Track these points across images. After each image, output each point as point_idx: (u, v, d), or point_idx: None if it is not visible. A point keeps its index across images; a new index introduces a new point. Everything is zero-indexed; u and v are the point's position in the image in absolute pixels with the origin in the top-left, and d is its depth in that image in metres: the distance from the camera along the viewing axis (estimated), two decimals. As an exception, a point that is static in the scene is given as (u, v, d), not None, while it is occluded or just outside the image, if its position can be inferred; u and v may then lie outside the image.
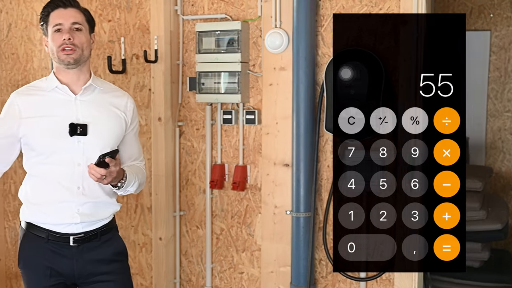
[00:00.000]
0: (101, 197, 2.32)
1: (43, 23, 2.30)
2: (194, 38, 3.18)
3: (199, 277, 3.33)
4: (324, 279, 2.97)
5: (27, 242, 2.32)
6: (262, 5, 2.97)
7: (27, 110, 2.25)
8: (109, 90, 2.42)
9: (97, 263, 2.32)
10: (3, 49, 3.79)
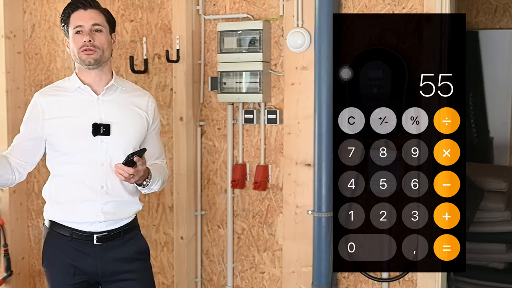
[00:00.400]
0: (124, 196, 2.35)
1: (64, 25, 2.34)
2: (215, 38, 3.19)
3: (220, 276, 3.34)
4: (346, 279, 2.97)
5: (51, 241, 2.36)
6: (284, 5, 2.98)
7: (50, 111, 2.29)
8: (131, 89, 2.45)
9: (120, 262, 2.35)
10: (27, 49, 3.84)
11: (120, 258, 2.36)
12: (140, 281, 2.40)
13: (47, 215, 2.37)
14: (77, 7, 2.30)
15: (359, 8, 2.84)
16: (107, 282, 2.37)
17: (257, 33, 3.02)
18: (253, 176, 3.14)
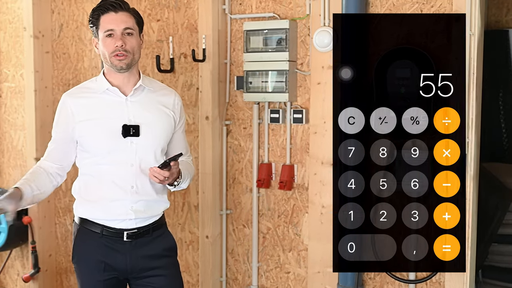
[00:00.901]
0: (153, 195, 2.40)
1: (93, 26, 2.35)
2: (242, 37, 3.21)
3: (245, 275, 3.35)
4: (372, 280, 2.95)
5: (81, 237, 2.40)
6: (310, 3, 2.98)
7: (80, 113, 2.33)
8: (157, 88, 2.48)
9: (149, 258, 2.39)
10: (55, 49, 3.90)
11: (149, 254, 2.40)
12: (169, 277, 2.44)
13: (77, 212, 2.42)
14: (107, 9, 2.30)
15: (387, 6, 2.83)
16: (135, 278, 2.41)
17: (283, 32, 3.02)
18: (279, 175, 3.14)
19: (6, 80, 4.12)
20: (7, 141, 4.15)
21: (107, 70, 2.38)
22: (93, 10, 2.35)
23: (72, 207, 3.85)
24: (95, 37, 2.37)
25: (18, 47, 4.02)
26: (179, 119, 2.50)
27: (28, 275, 3.89)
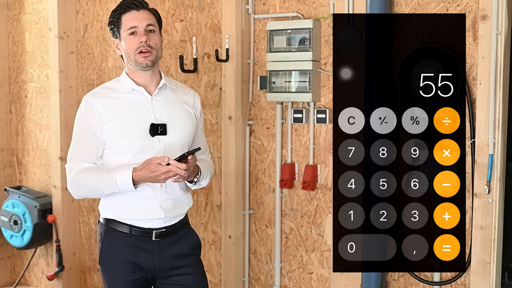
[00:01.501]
0: (180, 193, 2.43)
1: (114, 26, 2.37)
2: (265, 37, 3.21)
3: (268, 276, 3.35)
4: (396, 282, 2.94)
5: (109, 238, 2.41)
6: (334, 3, 2.97)
7: (107, 114, 2.33)
8: (178, 87, 2.51)
9: (175, 257, 2.42)
10: (80, 49, 3.94)
11: (176, 253, 2.42)
12: (196, 275, 2.47)
13: (104, 213, 2.43)
14: (129, 7, 2.33)
15: (412, 6, 2.81)
16: (162, 278, 2.43)
17: (307, 32, 3.02)
18: (302, 175, 3.14)
19: (31, 80, 4.17)
20: (32, 141, 4.21)
21: (130, 70, 2.40)
22: (113, 11, 2.37)
23: (95, 206, 3.90)
24: (116, 38, 2.39)
25: (43, 47, 4.08)
26: (199, 116, 2.53)
27: (53, 273, 3.94)
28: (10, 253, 4.36)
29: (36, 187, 4.20)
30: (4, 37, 4.25)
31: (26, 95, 4.22)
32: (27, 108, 4.22)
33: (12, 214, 3.99)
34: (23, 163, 4.27)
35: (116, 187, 2.28)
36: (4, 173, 4.29)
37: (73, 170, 2.36)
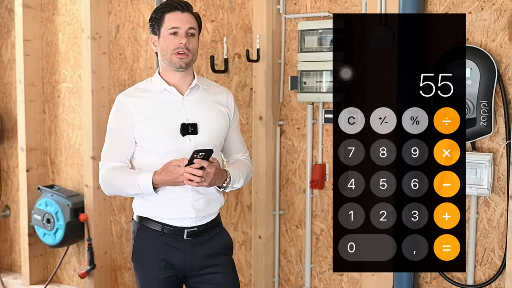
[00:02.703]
0: (211, 193, 2.45)
1: (155, 23, 2.40)
2: (296, 37, 3.21)
3: (298, 277, 3.35)
4: (428, 284, 2.91)
5: (142, 236, 2.45)
6: (366, 2, 2.96)
7: (139, 113, 2.37)
8: (211, 87, 2.53)
9: (207, 256, 2.45)
10: (111, 50, 3.98)
11: (207, 252, 2.45)
12: (226, 274, 2.49)
13: (137, 211, 2.47)
14: (175, 7, 2.37)
15: (446, 5, 2.78)
16: (193, 276, 2.46)
17: (338, 32, 3.00)
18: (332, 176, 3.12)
19: (64, 81, 4.24)
20: (64, 140, 4.27)
21: (164, 69, 2.44)
22: (158, 8, 2.41)
23: (127, 205, 3.94)
24: (155, 34, 2.42)
25: (76, 48, 4.14)
26: (233, 115, 2.55)
27: (84, 271, 3.99)
28: (43, 251, 4.43)
29: (68, 186, 4.26)
30: (38, 38, 4.32)
31: (59, 95, 4.28)
32: (60, 108, 4.28)
33: (45, 212, 4.06)
34: (56, 162, 4.34)
35: (139, 188, 2.32)
36: (37, 172, 4.36)
37: (104, 168, 2.42)
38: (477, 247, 2.78)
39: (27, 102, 4.28)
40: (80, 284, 4.28)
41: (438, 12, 2.80)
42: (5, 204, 4.67)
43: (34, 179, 4.34)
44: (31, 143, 4.32)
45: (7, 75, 4.57)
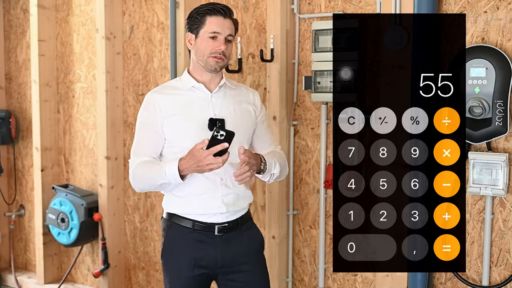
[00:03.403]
0: (241, 188, 2.50)
1: (194, 22, 2.45)
2: (310, 37, 3.22)
3: (312, 277, 3.36)
4: (443, 285, 2.91)
5: (172, 233, 2.50)
6: (381, 2, 2.96)
7: (167, 109, 2.44)
8: (238, 87, 2.61)
9: (238, 253, 2.49)
10: (126, 50, 4.02)
11: (238, 249, 2.49)
12: (256, 272, 2.54)
13: (168, 208, 2.52)
14: (218, 12, 2.41)
15: (461, 4, 2.78)
16: (224, 273, 2.50)
17: (352, 31, 3.01)
18: (347, 176, 3.14)
19: (78, 81, 4.29)
20: (79, 140, 4.31)
21: (195, 67, 2.50)
22: (200, 8, 2.45)
23: (140, 205, 3.98)
24: (191, 33, 2.47)
25: (90, 48, 4.18)
26: (260, 112, 2.60)
27: (98, 271, 4.03)
28: (57, 250, 4.49)
29: (82, 185, 4.31)
30: (53, 39, 4.37)
31: (73, 95, 4.33)
32: (75, 108, 4.33)
33: (60, 212, 4.10)
34: (70, 162, 4.39)
35: (166, 177, 2.34)
36: (52, 172, 4.41)
37: (133, 163, 2.48)
38: (492, 247, 2.78)
39: (42, 102, 4.33)
40: (94, 284, 4.32)
41: (454, 11, 2.80)
42: (20, 203, 4.73)
43: (48, 179, 4.40)
44: (45, 143, 4.37)
45: (22, 75, 4.63)
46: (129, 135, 4.05)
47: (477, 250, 2.83)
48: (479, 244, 2.82)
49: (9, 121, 4.54)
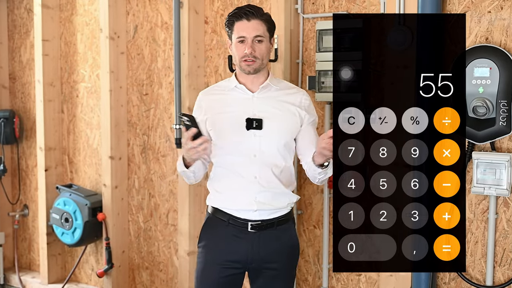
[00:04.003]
0: (277, 187, 2.55)
1: (228, 29, 2.56)
2: (314, 37, 3.25)
3: (316, 277, 3.39)
4: (447, 285, 2.93)
5: (210, 224, 2.63)
6: (385, 2, 2.99)
7: (211, 108, 2.58)
8: (285, 88, 2.65)
9: (270, 252, 2.56)
10: (130, 50, 4.05)
11: (270, 247, 2.56)
12: (285, 273, 2.61)
13: (210, 202, 2.65)
14: (241, 16, 2.49)
15: (465, 4, 2.80)
16: (254, 270, 2.59)
17: (356, 31, 3.03)
18: (351, 176, 3.16)
19: (82, 80, 4.32)
20: (83, 140, 4.35)
21: (238, 71, 2.60)
22: (229, 15, 2.55)
23: (144, 205, 4.01)
24: (230, 39, 2.57)
25: (94, 48, 4.22)
26: (307, 115, 2.60)
27: (102, 271, 4.06)
28: (61, 250, 4.52)
29: (86, 185, 4.34)
30: (57, 38, 4.41)
31: (77, 95, 4.36)
32: (78, 108, 4.36)
33: (63, 211, 4.14)
34: (74, 161, 4.42)
35: (181, 165, 2.49)
36: (56, 172, 4.45)
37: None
38: (496, 247, 2.80)
39: (46, 102, 4.37)
40: (98, 283, 4.36)
41: (458, 11, 2.82)
42: (23, 203, 4.77)
43: (52, 179, 4.43)
44: (49, 143, 4.41)
45: (26, 75, 4.66)
46: (133, 135, 4.08)
47: (481, 250, 2.86)
48: (483, 244, 2.84)
49: (13, 121, 4.58)
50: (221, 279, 2.55)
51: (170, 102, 3.86)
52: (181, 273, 3.81)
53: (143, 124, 4.02)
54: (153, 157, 4.00)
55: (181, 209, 3.76)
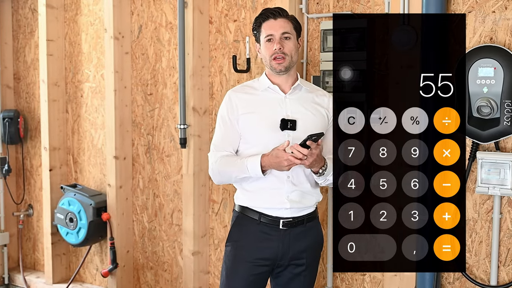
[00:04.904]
0: (307, 187, 2.62)
1: (256, 33, 2.64)
2: (318, 37, 3.28)
3: (320, 276, 3.41)
4: (451, 285, 2.96)
5: (239, 222, 2.68)
6: (389, 2, 3.01)
7: (243, 107, 2.62)
8: (313, 89, 2.73)
9: (300, 248, 2.63)
10: (134, 50, 4.08)
11: (301, 245, 2.63)
12: (309, 270, 2.68)
13: (238, 201, 2.70)
14: (268, 17, 2.60)
15: (469, 4, 2.82)
16: (281, 266, 2.65)
17: (361, 31, 3.06)
18: (355, 176, 3.18)
19: (87, 80, 4.36)
20: (87, 140, 4.38)
21: (268, 72, 2.66)
22: (256, 18, 2.64)
23: (149, 205, 4.03)
24: (258, 43, 2.65)
25: (99, 48, 4.25)
26: (332, 117, 2.67)
27: (107, 270, 4.09)
28: (65, 250, 4.56)
29: (91, 185, 4.38)
30: (61, 38, 4.45)
31: (82, 95, 4.40)
32: (83, 108, 4.40)
33: (68, 211, 4.18)
34: (78, 161, 4.46)
35: (247, 171, 2.53)
36: (60, 172, 4.49)
37: (214, 157, 2.65)
38: (501, 247, 2.83)
39: (50, 101, 4.41)
40: (102, 283, 4.39)
41: (462, 11, 2.85)
42: (28, 203, 4.81)
43: (57, 179, 4.47)
44: (54, 143, 4.44)
45: (31, 75, 4.71)
46: (137, 135, 4.12)
47: (485, 250, 2.88)
48: (487, 243, 2.87)
49: (18, 121, 4.63)
50: (251, 277, 2.61)
51: (175, 102, 3.90)
52: (186, 273, 3.84)
53: (147, 124, 4.06)
54: (158, 157, 4.03)
55: (186, 209, 3.79)
